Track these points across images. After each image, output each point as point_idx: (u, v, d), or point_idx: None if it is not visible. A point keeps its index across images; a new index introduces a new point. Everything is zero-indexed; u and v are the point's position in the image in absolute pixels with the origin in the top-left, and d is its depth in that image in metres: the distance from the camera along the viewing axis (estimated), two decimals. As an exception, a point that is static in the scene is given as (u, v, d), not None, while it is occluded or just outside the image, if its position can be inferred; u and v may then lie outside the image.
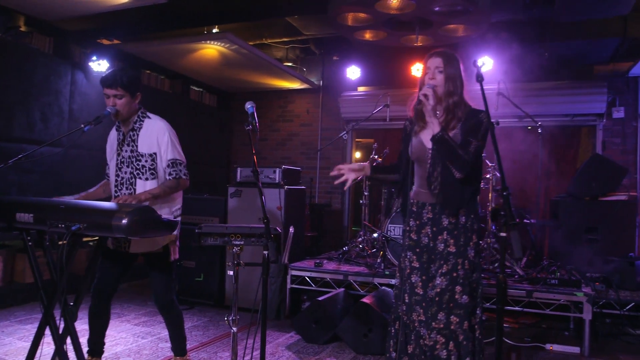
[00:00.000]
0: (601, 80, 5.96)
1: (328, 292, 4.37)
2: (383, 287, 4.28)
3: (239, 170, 5.06)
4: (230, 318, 2.39)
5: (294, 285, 4.71)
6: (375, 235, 5.14)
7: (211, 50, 5.68)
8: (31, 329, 4.00)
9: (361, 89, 7.24)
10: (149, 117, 2.84)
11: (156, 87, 6.65)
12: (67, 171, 5.17)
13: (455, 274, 2.39)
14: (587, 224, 4.81)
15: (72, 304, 2.65)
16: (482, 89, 1.96)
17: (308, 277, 4.64)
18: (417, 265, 2.49)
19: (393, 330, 2.57)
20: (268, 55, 6.26)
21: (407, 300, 2.51)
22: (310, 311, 3.97)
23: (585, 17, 4.94)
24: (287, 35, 6.39)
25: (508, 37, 5.59)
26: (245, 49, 5.59)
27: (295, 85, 7.31)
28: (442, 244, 2.44)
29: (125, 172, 2.79)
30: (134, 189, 2.76)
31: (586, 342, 3.84)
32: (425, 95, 2.37)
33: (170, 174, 2.78)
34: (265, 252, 2.05)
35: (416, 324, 2.46)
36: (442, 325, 2.37)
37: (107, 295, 2.84)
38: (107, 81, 2.71)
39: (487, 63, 5.77)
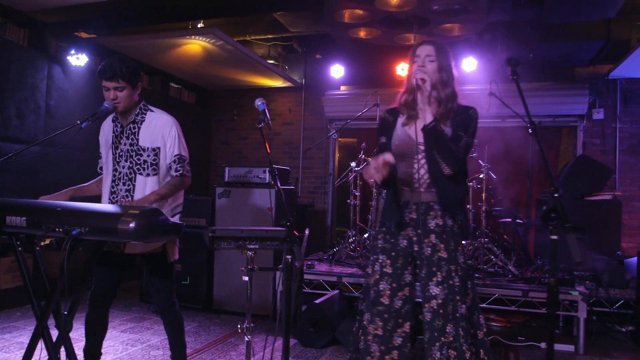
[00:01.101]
0: (582, 82, 6.09)
1: (319, 294, 4.28)
2: (378, 289, 4.22)
3: (227, 169, 4.91)
4: (244, 325, 2.26)
5: (285, 288, 4.60)
6: (366, 235, 5.08)
7: (195, 45, 5.49)
8: (10, 339, 3.76)
9: (344, 88, 7.18)
10: (151, 110, 2.68)
11: (134, 84, 6.40)
12: (44, 171, 4.90)
13: (451, 282, 2.18)
14: (574, 223, 4.86)
15: (66, 312, 2.49)
16: (519, 88, 1.89)
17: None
18: (390, 271, 2.27)
19: (352, 339, 2.43)
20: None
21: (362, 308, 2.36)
22: (307, 314, 3.88)
23: (572, 19, 5.01)
24: (271, 32, 6.26)
25: (493, 38, 5.64)
26: (230, 45, 5.44)
27: (278, 83, 7.19)
28: (430, 248, 2.23)
29: (124, 167, 2.63)
30: (133, 185, 2.60)
31: (581, 340, 3.89)
32: (423, 80, 2.19)
33: (176, 170, 2.64)
34: (289, 257, 1.94)
35: (369, 338, 2.27)
36: (451, 339, 2.16)
37: (106, 302, 2.67)
38: (105, 73, 2.53)
39: (471, 64, 5.83)
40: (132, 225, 2.07)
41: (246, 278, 2.20)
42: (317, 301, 3.92)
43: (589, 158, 5.14)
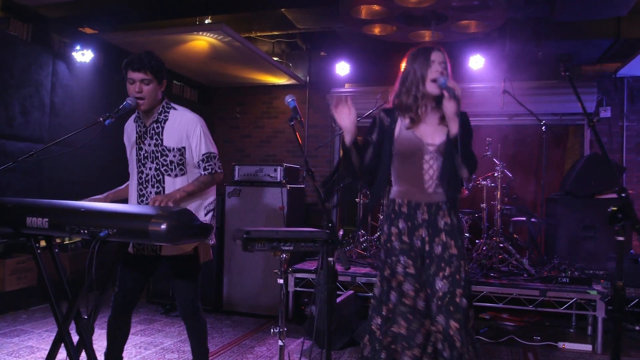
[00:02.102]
0: (590, 80, 6.07)
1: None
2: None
3: (236, 168, 4.83)
4: (278, 330, 2.19)
5: (297, 289, 4.54)
6: (378, 234, 5.02)
7: (201, 42, 5.39)
8: (19, 342, 3.65)
9: (348, 85, 7.11)
10: (174, 108, 2.59)
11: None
12: (49, 170, 4.77)
13: (458, 277, 2.24)
14: (585, 222, 4.86)
15: (86, 317, 2.40)
16: (574, 86, 1.85)
17: (313, 279, 4.47)
18: (413, 272, 2.29)
19: (362, 344, 2.39)
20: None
21: (383, 313, 2.30)
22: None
23: (584, 17, 4.98)
24: (277, 28, 6.16)
25: (501, 36, 5.60)
26: (238, 42, 5.34)
27: (282, 81, 7.10)
28: (440, 246, 2.28)
29: (150, 169, 2.54)
30: (163, 187, 2.51)
31: (599, 339, 3.86)
32: (456, 88, 2.21)
33: (205, 169, 2.55)
34: (331, 259, 1.88)
35: (389, 339, 2.27)
36: (440, 328, 2.22)
37: (129, 306, 2.59)
38: (133, 64, 2.44)
39: (478, 61, 5.79)
40: (163, 227, 1.99)
41: (281, 281, 2.13)
42: (333, 302, 3.86)
43: (601, 156, 5.12)
